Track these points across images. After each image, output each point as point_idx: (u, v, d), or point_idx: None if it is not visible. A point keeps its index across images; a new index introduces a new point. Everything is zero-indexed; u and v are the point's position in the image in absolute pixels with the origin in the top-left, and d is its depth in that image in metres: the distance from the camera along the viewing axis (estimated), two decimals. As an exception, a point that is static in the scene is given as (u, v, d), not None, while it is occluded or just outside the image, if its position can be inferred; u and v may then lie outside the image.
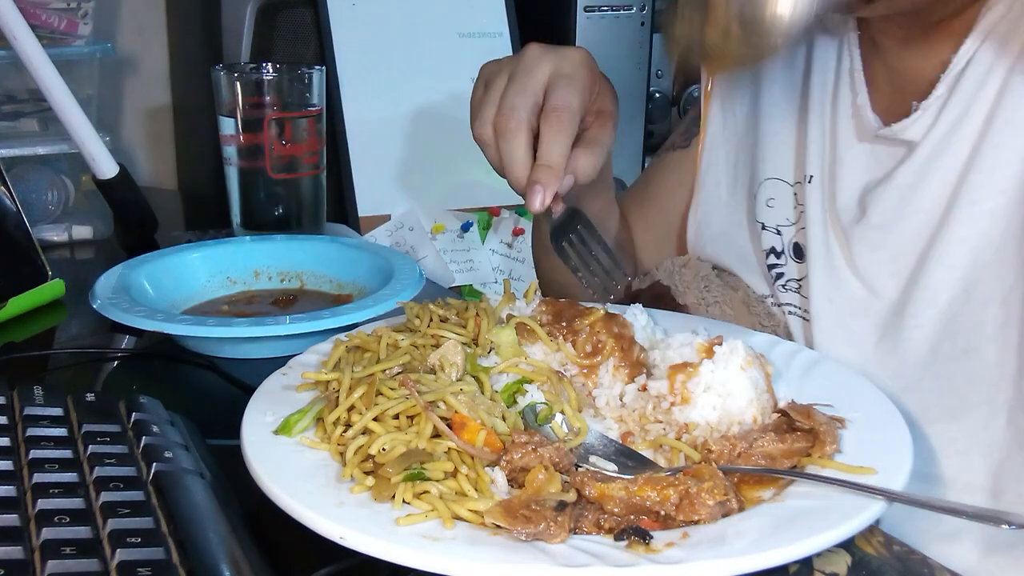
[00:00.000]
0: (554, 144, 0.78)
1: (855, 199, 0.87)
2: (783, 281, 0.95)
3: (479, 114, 0.82)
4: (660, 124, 1.63)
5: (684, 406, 0.70)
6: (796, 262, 0.94)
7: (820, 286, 0.89)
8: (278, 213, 1.22)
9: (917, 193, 0.82)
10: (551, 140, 0.78)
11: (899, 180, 0.83)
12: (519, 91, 0.79)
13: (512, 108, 0.79)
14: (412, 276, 0.99)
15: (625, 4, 1.53)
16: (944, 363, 0.80)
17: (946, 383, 0.80)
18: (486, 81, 0.84)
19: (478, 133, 0.82)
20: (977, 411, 0.79)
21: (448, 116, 1.43)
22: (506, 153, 0.79)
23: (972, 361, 0.79)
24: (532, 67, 0.80)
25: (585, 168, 0.80)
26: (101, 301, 0.93)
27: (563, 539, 0.57)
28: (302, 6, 1.42)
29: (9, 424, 0.65)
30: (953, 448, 0.79)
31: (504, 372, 0.74)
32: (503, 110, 0.79)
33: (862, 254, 0.86)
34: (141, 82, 1.72)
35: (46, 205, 1.30)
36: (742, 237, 1.00)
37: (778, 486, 0.65)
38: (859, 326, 0.86)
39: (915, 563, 0.62)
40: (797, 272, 0.94)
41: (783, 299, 0.95)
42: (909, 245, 0.82)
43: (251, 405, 0.71)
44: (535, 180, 0.77)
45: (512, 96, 0.79)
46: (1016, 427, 0.76)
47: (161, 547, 0.53)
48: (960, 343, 0.79)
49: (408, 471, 0.61)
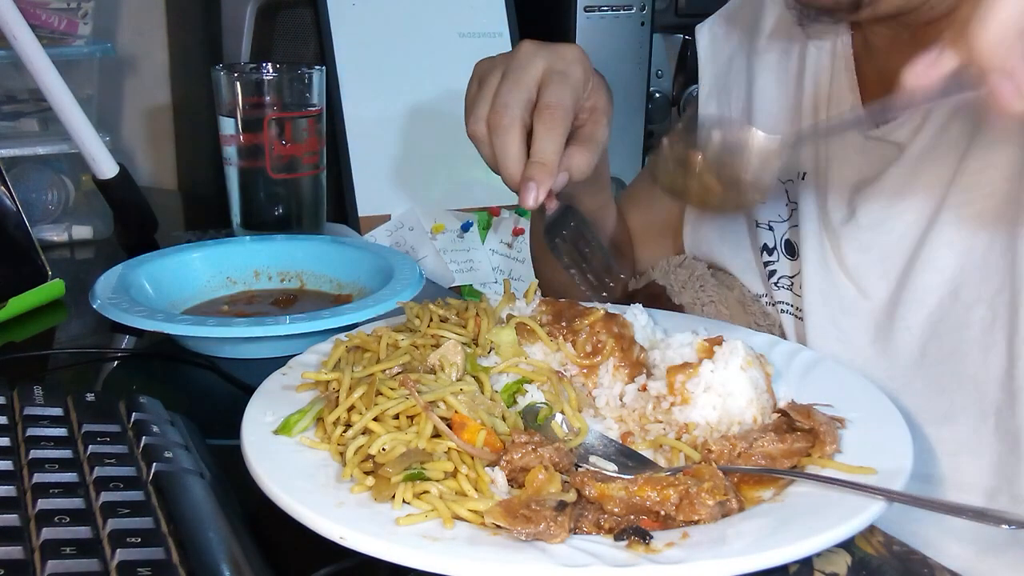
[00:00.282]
0: (547, 141, 0.78)
1: (845, 199, 0.88)
2: (776, 278, 0.96)
3: (473, 111, 0.82)
4: (660, 124, 1.63)
5: (684, 406, 0.70)
6: (788, 259, 0.95)
7: (813, 284, 0.89)
8: (278, 213, 1.22)
9: (905, 195, 0.82)
10: (544, 137, 0.78)
11: (888, 182, 0.84)
12: (512, 88, 0.79)
13: (505, 105, 0.79)
14: (412, 276, 0.99)
15: (625, 4, 1.53)
16: (933, 365, 0.80)
17: (935, 385, 0.80)
18: (480, 78, 0.84)
19: (472, 130, 0.82)
20: (965, 414, 0.79)
21: (448, 116, 1.42)
22: (500, 150, 0.79)
23: (959, 363, 0.79)
24: (525, 64, 0.80)
25: (580, 166, 0.81)
26: (101, 301, 0.93)
27: (563, 539, 0.57)
28: (302, 6, 1.42)
29: (9, 424, 0.65)
30: (944, 450, 0.79)
31: (504, 372, 0.74)
32: (496, 107, 0.79)
33: (851, 254, 0.86)
34: (141, 82, 1.72)
35: (46, 205, 1.30)
36: (737, 235, 1.01)
37: (778, 486, 0.65)
38: (851, 325, 0.86)
39: (915, 563, 0.62)
40: (790, 269, 0.95)
41: (777, 297, 0.96)
42: (897, 247, 0.83)
43: (251, 405, 0.71)
44: (529, 177, 0.77)
45: (505, 93, 0.79)
46: (1004, 430, 0.77)
47: (161, 547, 0.53)
48: (947, 345, 0.79)
49: (408, 471, 0.61)
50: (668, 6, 1.61)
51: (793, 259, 0.94)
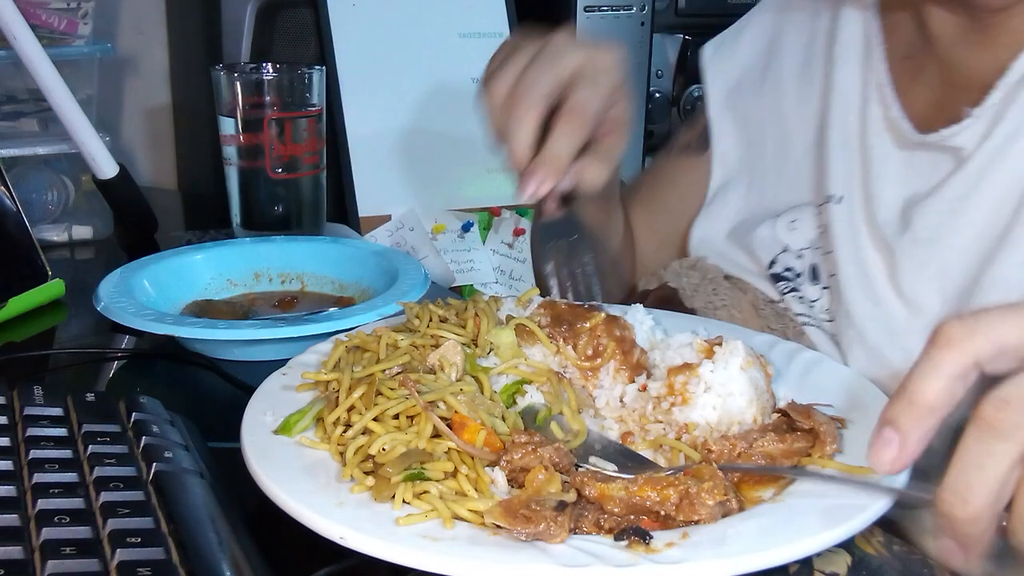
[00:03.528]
0: (564, 141, 0.75)
1: (897, 212, 0.83)
2: (798, 295, 0.93)
3: (494, 79, 0.77)
4: (660, 124, 1.63)
5: (684, 406, 0.70)
6: (811, 284, 0.92)
7: (854, 310, 0.85)
8: (278, 213, 1.22)
9: (968, 206, 0.78)
10: (562, 137, 0.75)
11: (948, 192, 0.79)
12: (543, 72, 0.76)
13: (533, 84, 0.75)
14: (418, 277, 0.99)
15: (625, 4, 1.53)
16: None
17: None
18: (508, 51, 0.80)
19: (488, 97, 0.78)
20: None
21: (448, 116, 1.43)
22: (513, 127, 0.75)
23: None
24: (563, 51, 0.77)
25: (592, 179, 0.78)
26: (105, 303, 0.93)
27: (563, 539, 0.57)
28: (302, 6, 1.42)
29: (9, 424, 0.65)
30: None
31: (503, 373, 0.74)
32: (524, 82, 0.75)
33: (907, 270, 0.82)
34: (141, 82, 1.72)
35: (46, 205, 1.30)
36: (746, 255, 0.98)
37: (778, 486, 0.64)
38: (900, 348, 0.82)
39: (915, 563, 0.62)
40: (814, 294, 0.92)
41: (796, 308, 0.93)
42: (958, 261, 0.79)
43: (251, 405, 0.71)
44: (533, 170, 0.74)
45: (536, 73, 0.75)
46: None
47: (161, 547, 0.53)
48: None
49: (408, 471, 0.61)
50: (668, 6, 1.61)
51: (816, 284, 0.91)
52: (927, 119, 0.83)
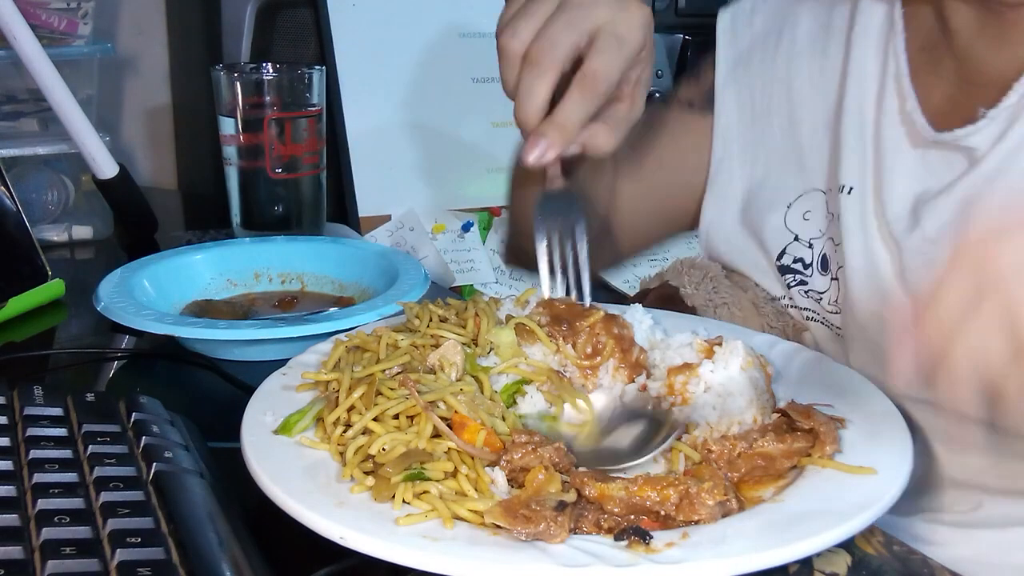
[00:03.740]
0: (577, 108, 0.72)
1: (907, 208, 0.83)
2: (805, 289, 0.92)
3: (513, 25, 0.73)
4: (660, 124, 1.63)
5: (684, 407, 0.70)
6: (821, 274, 0.91)
7: (859, 302, 0.84)
8: (278, 213, 1.22)
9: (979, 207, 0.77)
10: (575, 102, 0.72)
11: (960, 192, 0.79)
12: (566, 27, 0.72)
13: (553, 42, 0.72)
14: (417, 277, 0.99)
15: (625, 4, 1.52)
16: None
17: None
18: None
19: (505, 42, 0.73)
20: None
21: (449, 116, 1.43)
22: (526, 85, 0.72)
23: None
24: (587, 7, 0.73)
25: (601, 144, 0.75)
26: (105, 303, 0.93)
27: (563, 539, 0.57)
28: (302, 6, 1.42)
29: (9, 424, 0.65)
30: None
31: (503, 372, 0.74)
32: (543, 39, 0.72)
33: (916, 268, 0.81)
34: (141, 82, 1.72)
35: (46, 205, 1.30)
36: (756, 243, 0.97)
37: (778, 486, 0.65)
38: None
39: (915, 563, 0.62)
40: (822, 285, 0.91)
41: (801, 303, 0.92)
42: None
43: (251, 405, 0.71)
44: (542, 133, 0.71)
45: (558, 28, 0.72)
46: None
47: (161, 547, 0.53)
48: None
49: (408, 471, 0.61)
50: (668, 6, 1.61)
51: (825, 275, 0.90)
52: (942, 115, 0.82)
